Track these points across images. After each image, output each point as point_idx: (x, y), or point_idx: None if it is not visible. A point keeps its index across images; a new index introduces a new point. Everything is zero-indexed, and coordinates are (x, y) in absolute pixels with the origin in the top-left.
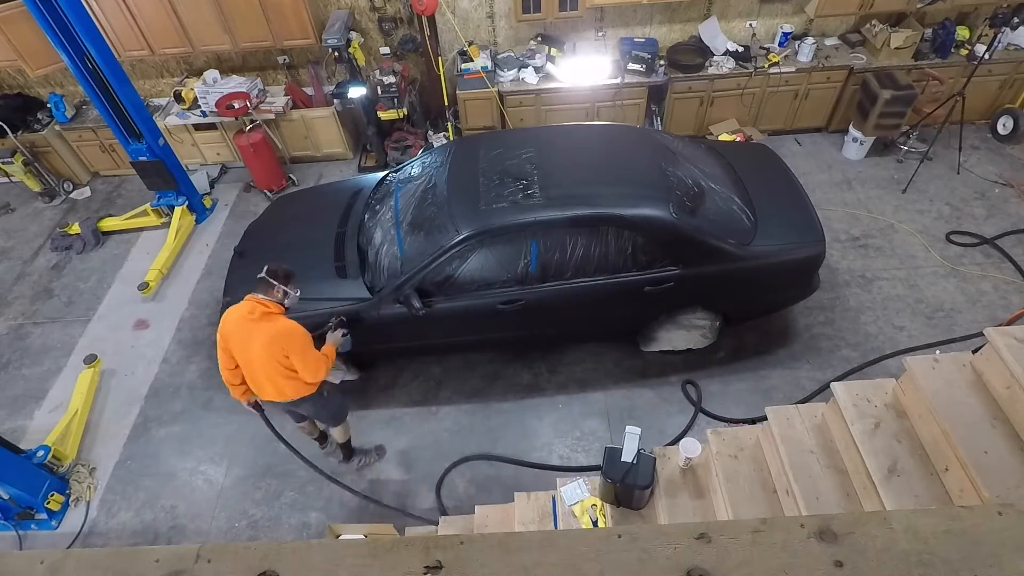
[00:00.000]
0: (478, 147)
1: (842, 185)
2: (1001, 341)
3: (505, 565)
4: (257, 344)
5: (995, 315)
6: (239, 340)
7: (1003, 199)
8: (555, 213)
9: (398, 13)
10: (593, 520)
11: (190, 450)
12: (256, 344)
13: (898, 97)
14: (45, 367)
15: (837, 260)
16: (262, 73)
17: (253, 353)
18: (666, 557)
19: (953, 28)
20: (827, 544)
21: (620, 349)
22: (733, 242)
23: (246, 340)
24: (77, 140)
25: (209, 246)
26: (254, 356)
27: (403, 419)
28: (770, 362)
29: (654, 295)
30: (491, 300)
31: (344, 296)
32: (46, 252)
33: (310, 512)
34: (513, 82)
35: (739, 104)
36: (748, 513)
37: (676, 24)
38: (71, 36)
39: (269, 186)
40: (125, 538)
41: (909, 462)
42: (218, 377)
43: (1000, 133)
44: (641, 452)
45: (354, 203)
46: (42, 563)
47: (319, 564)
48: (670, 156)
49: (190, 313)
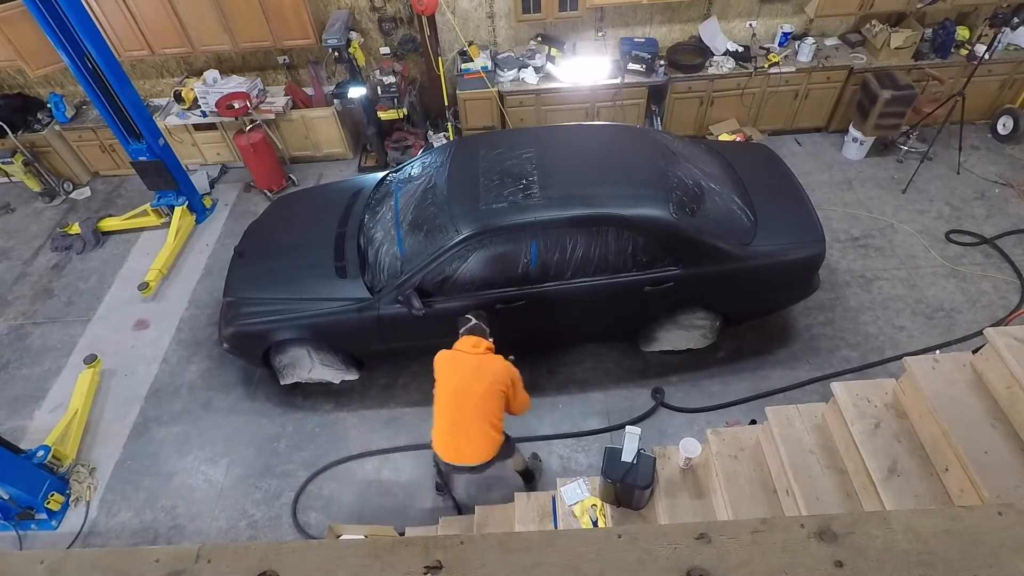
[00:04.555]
0: (478, 147)
1: (842, 185)
2: (1001, 341)
3: (505, 565)
4: (485, 378)
5: (995, 315)
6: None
7: (1003, 199)
8: (555, 213)
9: (398, 13)
10: (593, 520)
11: (190, 450)
12: (483, 378)
13: (898, 97)
14: (45, 367)
15: (837, 260)
16: (262, 73)
17: (484, 387)
18: (666, 557)
19: (953, 28)
20: (827, 544)
21: (620, 349)
22: (733, 242)
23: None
24: (77, 140)
25: (209, 246)
26: (484, 391)
27: (403, 419)
28: (770, 362)
29: (654, 295)
30: (491, 300)
31: (344, 296)
32: (46, 252)
33: (310, 512)
34: (513, 82)
35: (739, 104)
36: (748, 513)
37: (676, 24)
38: (71, 36)
39: (269, 186)
40: (125, 538)
41: (909, 462)
42: (218, 377)
43: (1000, 133)
44: (641, 452)
45: (354, 203)
46: (42, 563)
47: (319, 564)
48: (670, 156)
49: (190, 313)
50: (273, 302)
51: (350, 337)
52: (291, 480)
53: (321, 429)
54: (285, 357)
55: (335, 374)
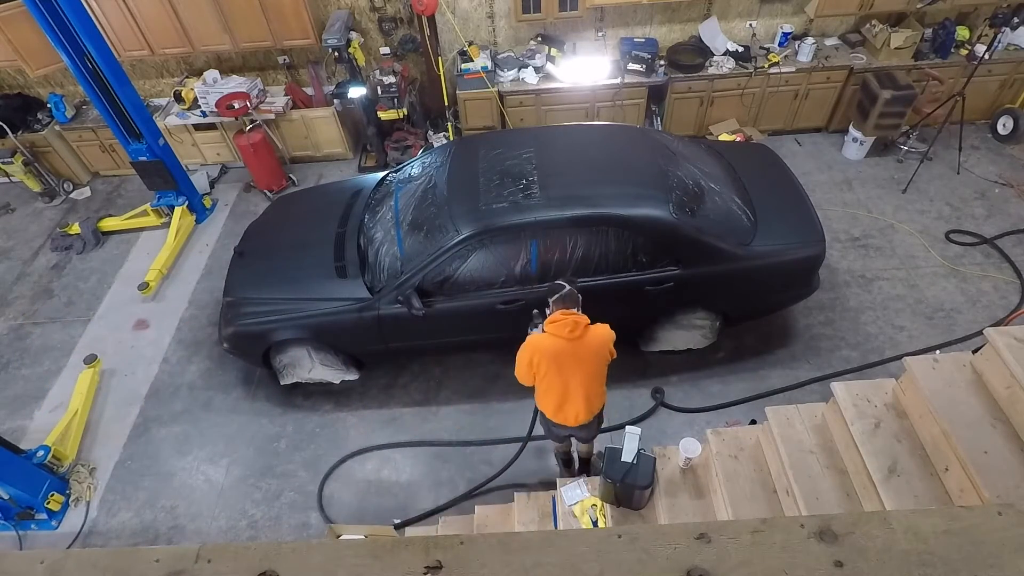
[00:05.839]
0: (478, 147)
1: (842, 185)
2: (1001, 341)
3: (505, 565)
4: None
5: (995, 315)
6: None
7: (1003, 199)
8: (555, 213)
9: (398, 13)
10: (593, 520)
11: (190, 450)
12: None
13: (898, 97)
14: (45, 367)
15: (837, 260)
16: (262, 73)
17: (589, 365)
18: (666, 557)
19: (953, 28)
20: (827, 544)
21: (620, 349)
22: (733, 242)
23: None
24: (77, 140)
25: (209, 246)
26: (589, 368)
27: (403, 419)
28: (770, 362)
29: (654, 295)
30: (491, 300)
31: (344, 296)
32: (46, 252)
33: (310, 512)
34: (513, 82)
35: (739, 104)
36: (748, 513)
37: (676, 24)
38: (71, 36)
39: (269, 186)
40: (125, 538)
41: (909, 462)
42: (218, 377)
43: (1000, 133)
44: (641, 452)
45: (354, 203)
46: (42, 563)
47: (319, 564)
48: (670, 156)
49: (190, 313)
50: (273, 302)
51: (350, 337)
52: (291, 480)
53: (321, 429)
54: (285, 357)
55: (335, 374)
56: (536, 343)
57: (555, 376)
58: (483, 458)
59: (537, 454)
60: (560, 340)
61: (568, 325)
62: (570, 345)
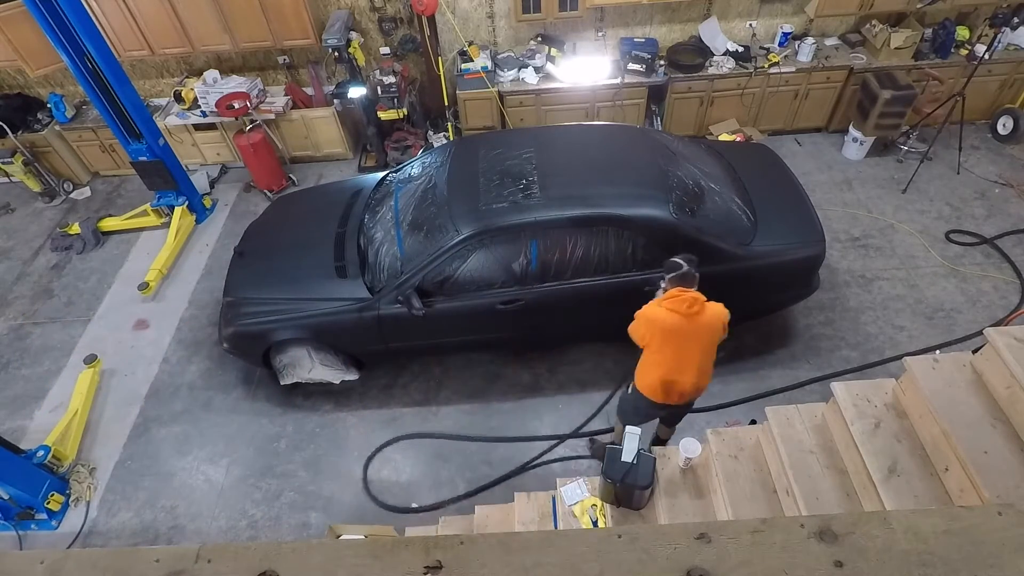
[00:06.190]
0: (478, 147)
1: (842, 185)
2: (1001, 341)
3: (505, 565)
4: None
5: (995, 315)
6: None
7: (1003, 199)
8: (555, 213)
9: (398, 13)
10: (593, 520)
11: (190, 450)
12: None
13: (898, 97)
14: (45, 367)
15: (837, 260)
16: (262, 73)
17: (704, 341)
18: (666, 557)
19: (953, 28)
20: (827, 544)
21: (620, 349)
22: (733, 242)
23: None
24: (77, 140)
25: (209, 246)
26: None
27: (403, 419)
28: (770, 362)
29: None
30: (491, 300)
31: (344, 296)
32: (46, 252)
33: (310, 512)
34: (513, 82)
35: (739, 104)
36: (748, 513)
37: (676, 24)
38: (71, 36)
39: (269, 186)
40: (125, 538)
41: (909, 462)
42: (218, 377)
43: (1000, 133)
44: (641, 452)
45: (354, 203)
46: (42, 563)
47: (319, 564)
48: (670, 156)
49: (190, 313)
50: (273, 302)
51: (350, 337)
52: (291, 480)
53: (321, 429)
54: (285, 357)
55: (335, 374)
56: (652, 315)
57: (669, 350)
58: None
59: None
60: (677, 316)
61: (687, 301)
62: (687, 321)
